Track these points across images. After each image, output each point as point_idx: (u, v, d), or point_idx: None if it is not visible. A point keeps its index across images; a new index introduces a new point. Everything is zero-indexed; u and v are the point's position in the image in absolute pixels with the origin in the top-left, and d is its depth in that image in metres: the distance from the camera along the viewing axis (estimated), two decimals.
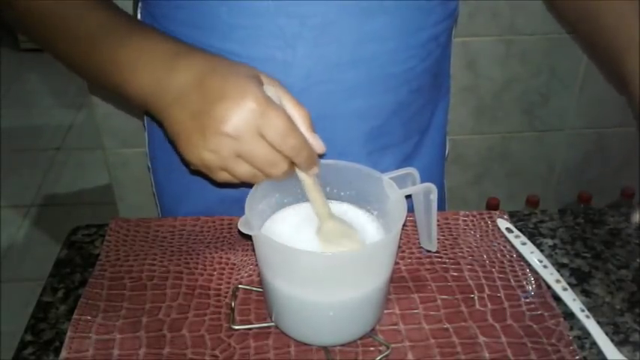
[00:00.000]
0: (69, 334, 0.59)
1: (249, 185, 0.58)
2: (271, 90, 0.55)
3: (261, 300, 0.63)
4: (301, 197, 0.63)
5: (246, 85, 0.53)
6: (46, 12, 0.62)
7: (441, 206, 0.63)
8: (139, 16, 0.74)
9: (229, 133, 0.52)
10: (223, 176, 0.56)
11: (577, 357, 0.57)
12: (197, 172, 0.58)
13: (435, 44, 0.72)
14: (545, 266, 0.66)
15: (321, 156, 0.58)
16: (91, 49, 0.61)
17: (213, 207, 0.76)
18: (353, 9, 0.64)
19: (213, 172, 0.56)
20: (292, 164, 0.56)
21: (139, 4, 0.74)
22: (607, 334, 0.60)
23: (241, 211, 0.55)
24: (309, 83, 0.66)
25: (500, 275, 0.66)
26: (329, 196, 0.63)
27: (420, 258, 0.68)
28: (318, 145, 0.57)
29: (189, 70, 0.56)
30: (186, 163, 0.58)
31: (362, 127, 0.71)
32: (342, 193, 0.63)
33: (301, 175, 0.58)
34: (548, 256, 0.68)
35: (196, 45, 0.64)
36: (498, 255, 0.68)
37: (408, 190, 0.59)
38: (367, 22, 0.65)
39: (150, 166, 0.84)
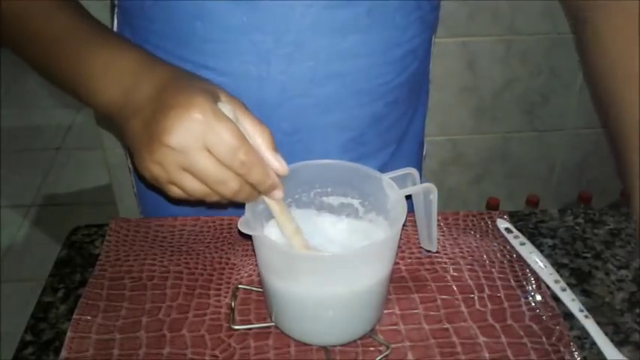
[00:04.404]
0: (69, 334, 0.59)
1: (208, 205, 0.55)
2: (227, 107, 0.52)
3: (261, 300, 0.63)
4: (302, 198, 0.63)
5: (195, 97, 0.50)
6: (12, 11, 0.61)
7: None
8: (115, 25, 0.73)
9: (172, 144, 0.49)
10: (174, 191, 0.53)
11: (577, 357, 0.57)
12: (152, 187, 0.56)
13: (411, 58, 0.71)
14: (544, 266, 0.66)
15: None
16: (57, 54, 0.59)
17: (193, 211, 0.75)
18: (327, 27, 0.64)
19: (163, 185, 0.53)
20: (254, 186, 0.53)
21: (116, 14, 0.73)
22: (607, 334, 0.60)
23: (223, 214, 0.53)
24: (283, 98, 0.66)
25: (500, 275, 0.66)
26: (329, 196, 0.63)
27: (420, 258, 0.68)
28: (280, 166, 0.54)
29: (150, 82, 0.54)
30: (141, 177, 0.55)
31: (338, 138, 0.71)
32: (342, 193, 0.63)
33: (267, 201, 0.55)
34: (548, 256, 0.68)
35: (171, 58, 0.62)
36: (498, 255, 0.68)
37: (408, 190, 0.59)
38: (342, 39, 0.65)
39: (130, 167, 0.83)
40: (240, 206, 0.55)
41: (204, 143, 0.49)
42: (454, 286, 0.65)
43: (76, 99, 0.60)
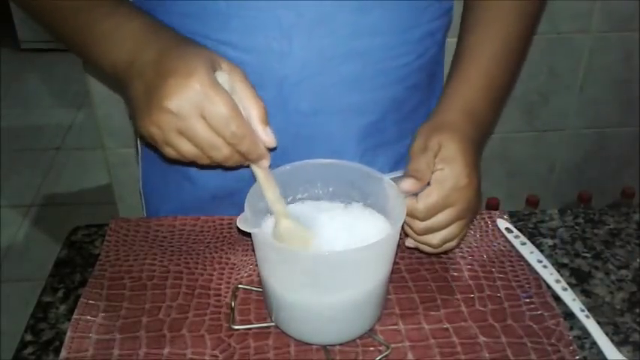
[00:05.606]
0: (69, 334, 0.59)
1: (199, 166, 0.59)
2: (224, 76, 0.56)
3: (261, 300, 0.63)
4: (303, 196, 0.63)
5: (195, 66, 0.54)
6: None
7: None
8: None
9: (171, 109, 0.53)
10: (169, 152, 0.57)
11: (577, 357, 0.57)
12: (150, 146, 0.60)
13: (431, 41, 0.72)
14: (544, 266, 0.66)
15: (271, 150, 0.58)
16: (69, 17, 0.63)
17: (194, 205, 0.76)
18: (348, 3, 0.64)
19: (159, 146, 0.57)
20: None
21: None
22: (607, 334, 0.60)
23: (222, 210, 0.54)
24: (304, 75, 0.67)
25: (500, 275, 0.66)
26: (329, 196, 0.63)
27: (420, 258, 0.68)
28: (269, 139, 0.57)
29: (154, 47, 0.58)
30: (141, 136, 0.60)
31: (357, 122, 0.72)
32: (343, 193, 0.63)
33: (253, 168, 0.58)
34: (548, 256, 0.68)
35: (194, 36, 0.64)
36: (498, 255, 0.68)
37: None
38: (362, 16, 0.65)
39: (139, 162, 0.85)
40: (231, 169, 0.59)
41: (200, 111, 0.53)
42: (454, 286, 0.65)
43: (86, 61, 0.65)
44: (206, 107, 0.53)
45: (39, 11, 0.66)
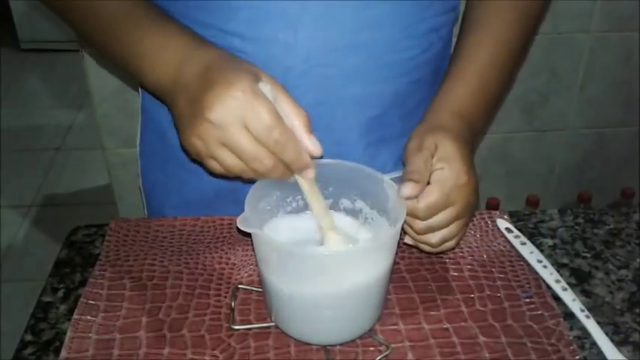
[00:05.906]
0: (69, 334, 0.59)
1: (241, 179, 0.58)
2: (266, 87, 0.55)
3: (261, 300, 0.63)
4: (303, 197, 0.63)
5: (236, 76, 0.54)
6: None
7: None
8: None
9: (213, 120, 0.53)
10: (214, 165, 0.56)
11: (577, 357, 0.57)
12: (195, 162, 0.60)
13: (436, 36, 0.72)
14: (544, 266, 0.66)
15: (317, 158, 0.57)
16: (112, 33, 0.63)
17: (196, 199, 0.76)
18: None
19: (203, 159, 0.57)
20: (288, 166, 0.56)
21: None
22: (607, 334, 0.60)
23: (224, 206, 0.53)
24: (309, 65, 0.67)
25: (500, 275, 0.66)
26: (330, 195, 0.63)
27: (420, 258, 0.68)
28: (314, 147, 0.56)
29: (199, 62, 0.58)
30: (186, 152, 0.60)
31: (360, 115, 0.72)
32: (343, 193, 0.63)
33: (299, 180, 0.57)
34: (548, 256, 0.68)
35: (199, 26, 0.65)
36: (498, 255, 0.68)
37: None
38: (367, 9, 0.66)
39: (138, 159, 0.85)
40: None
41: (242, 120, 0.53)
42: (454, 286, 0.65)
43: (128, 74, 0.65)
44: (248, 116, 0.53)
45: (80, 26, 0.66)
